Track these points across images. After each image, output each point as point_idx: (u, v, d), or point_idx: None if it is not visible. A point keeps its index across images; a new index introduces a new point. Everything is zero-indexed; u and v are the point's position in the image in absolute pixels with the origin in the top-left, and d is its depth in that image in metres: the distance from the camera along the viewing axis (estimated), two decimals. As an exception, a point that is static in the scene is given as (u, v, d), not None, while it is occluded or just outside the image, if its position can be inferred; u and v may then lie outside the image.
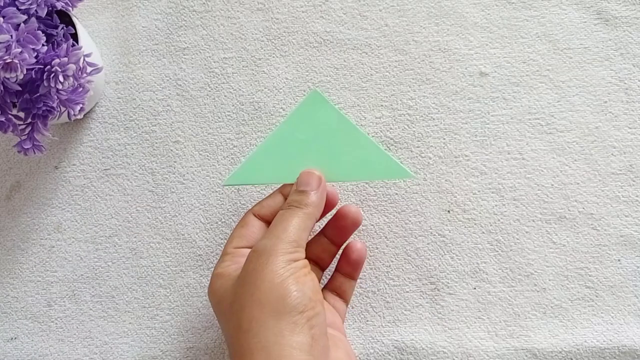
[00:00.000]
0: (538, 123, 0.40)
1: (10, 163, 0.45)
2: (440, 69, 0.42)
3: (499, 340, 0.38)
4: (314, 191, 0.33)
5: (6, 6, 0.32)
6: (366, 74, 0.42)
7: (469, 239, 0.39)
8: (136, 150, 0.43)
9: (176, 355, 0.40)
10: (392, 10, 0.43)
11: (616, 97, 0.40)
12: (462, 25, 0.42)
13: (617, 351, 0.37)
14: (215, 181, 0.42)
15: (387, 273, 0.39)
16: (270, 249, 0.30)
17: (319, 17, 0.44)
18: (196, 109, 0.43)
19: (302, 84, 0.43)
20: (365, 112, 0.42)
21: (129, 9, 0.46)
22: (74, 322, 0.42)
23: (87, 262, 0.42)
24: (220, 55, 0.44)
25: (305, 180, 0.34)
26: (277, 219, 0.32)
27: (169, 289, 0.41)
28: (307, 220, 0.32)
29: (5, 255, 0.43)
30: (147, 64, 0.44)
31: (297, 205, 0.32)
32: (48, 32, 0.36)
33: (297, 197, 0.33)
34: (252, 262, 0.30)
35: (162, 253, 0.42)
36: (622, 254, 0.38)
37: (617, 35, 0.41)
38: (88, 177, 0.43)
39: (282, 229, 0.31)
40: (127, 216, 0.42)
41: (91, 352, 0.41)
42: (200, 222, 0.42)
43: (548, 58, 0.41)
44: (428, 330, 0.38)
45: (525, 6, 0.42)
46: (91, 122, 0.44)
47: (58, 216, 0.43)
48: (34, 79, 0.34)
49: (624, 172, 0.39)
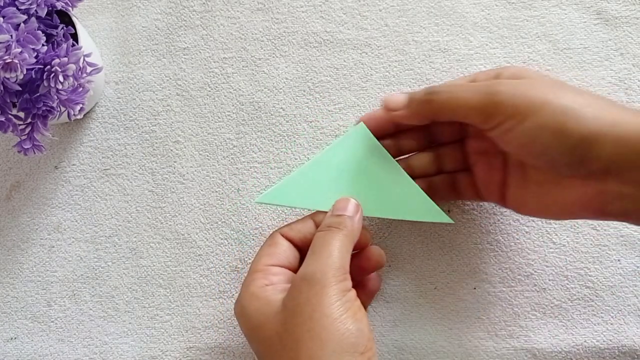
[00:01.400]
0: (538, 123, 0.40)
1: (10, 163, 0.45)
2: (440, 69, 0.42)
3: (498, 340, 0.38)
4: (351, 215, 0.32)
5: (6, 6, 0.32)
6: (366, 74, 0.42)
7: (469, 239, 0.39)
8: (136, 150, 0.43)
9: (176, 355, 0.40)
10: (392, 10, 0.43)
11: (616, 97, 0.40)
12: (462, 25, 0.42)
13: (617, 351, 0.37)
14: (215, 181, 0.42)
15: (387, 273, 0.39)
16: (322, 278, 0.29)
17: (319, 17, 0.44)
18: (196, 109, 0.43)
19: (302, 84, 0.43)
20: (365, 112, 0.42)
21: (129, 9, 0.46)
22: (74, 322, 0.42)
23: (87, 262, 0.42)
24: (220, 55, 0.44)
25: (343, 205, 0.33)
26: (318, 242, 0.31)
27: (169, 289, 0.41)
28: (348, 243, 0.31)
29: (5, 255, 0.43)
30: (147, 64, 0.44)
31: (336, 226, 0.31)
32: (48, 32, 0.36)
33: (335, 219, 0.32)
34: (304, 291, 0.29)
35: (162, 253, 0.42)
36: (622, 254, 0.38)
37: (617, 35, 0.41)
38: (88, 177, 0.43)
39: (327, 253, 0.30)
40: (127, 216, 0.42)
41: (91, 352, 0.41)
42: (200, 222, 0.42)
43: (548, 58, 0.41)
44: (428, 330, 0.38)
45: (525, 6, 0.42)
46: (91, 122, 0.44)
47: (58, 216, 0.43)
48: (34, 79, 0.34)
49: (624, 172, 0.39)
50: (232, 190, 0.42)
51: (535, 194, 0.31)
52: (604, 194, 0.28)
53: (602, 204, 0.28)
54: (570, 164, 0.28)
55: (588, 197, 0.29)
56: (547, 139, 0.28)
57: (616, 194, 0.28)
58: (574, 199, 0.29)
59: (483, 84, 0.30)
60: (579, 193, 0.29)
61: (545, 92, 0.28)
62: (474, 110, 0.29)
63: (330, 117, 0.42)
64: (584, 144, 0.27)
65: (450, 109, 0.30)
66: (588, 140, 0.27)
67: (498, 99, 0.28)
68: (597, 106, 0.28)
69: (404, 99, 0.33)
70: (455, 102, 0.30)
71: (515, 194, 0.33)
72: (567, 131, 0.27)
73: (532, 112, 0.28)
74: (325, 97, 0.42)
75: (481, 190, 0.35)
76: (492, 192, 0.34)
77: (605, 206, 0.28)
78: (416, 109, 0.32)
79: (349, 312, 0.28)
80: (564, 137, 0.27)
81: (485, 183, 0.34)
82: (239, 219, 0.41)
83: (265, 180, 0.42)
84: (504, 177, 0.33)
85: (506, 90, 0.29)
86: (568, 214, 0.31)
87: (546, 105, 0.27)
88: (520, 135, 0.28)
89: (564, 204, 0.30)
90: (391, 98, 0.33)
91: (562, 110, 0.27)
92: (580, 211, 0.30)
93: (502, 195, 0.33)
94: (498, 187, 0.33)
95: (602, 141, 0.27)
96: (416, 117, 0.32)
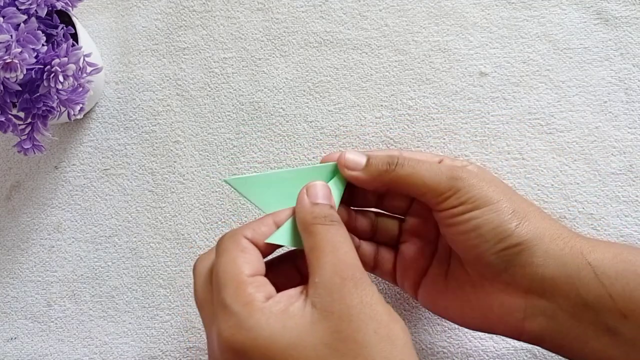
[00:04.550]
0: (538, 123, 0.40)
1: (10, 163, 0.45)
2: (440, 69, 0.42)
3: (498, 340, 0.38)
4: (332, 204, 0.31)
5: (6, 6, 0.32)
6: (366, 74, 0.42)
7: (469, 239, 0.39)
8: (136, 150, 0.43)
9: (176, 355, 0.40)
10: (392, 10, 0.43)
11: (616, 97, 0.40)
12: (462, 25, 0.42)
13: (617, 351, 0.37)
14: (215, 181, 0.42)
15: (387, 273, 0.39)
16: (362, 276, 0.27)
17: (319, 17, 0.44)
18: (196, 109, 0.43)
19: (302, 84, 0.43)
20: (365, 112, 0.42)
21: (129, 9, 0.46)
22: (74, 322, 0.42)
23: (87, 262, 0.42)
24: (220, 55, 0.44)
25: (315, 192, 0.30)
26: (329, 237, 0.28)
27: (169, 289, 0.41)
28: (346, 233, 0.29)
29: (5, 255, 0.43)
30: (147, 64, 0.44)
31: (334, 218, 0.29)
32: (48, 32, 0.36)
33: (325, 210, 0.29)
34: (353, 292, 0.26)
35: (162, 253, 0.42)
36: (622, 254, 0.38)
37: (617, 35, 0.41)
38: (88, 177, 0.43)
39: (345, 249, 0.27)
40: (127, 216, 0.42)
41: (91, 352, 0.41)
42: (200, 222, 0.42)
43: (548, 58, 0.41)
44: (428, 331, 0.38)
45: (525, 6, 0.42)
46: (91, 122, 0.44)
47: (58, 216, 0.43)
48: (34, 79, 0.34)
49: (624, 172, 0.39)
50: (232, 190, 0.42)
51: (453, 292, 0.31)
52: (524, 307, 0.28)
53: (521, 318, 0.29)
54: (498, 264, 0.29)
55: (508, 308, 0.29)
56: (485, 232, 0.29)
57: (537, 310, 0.28)
58: (493, 307, 0.29)
59: (447, 166, 0.31)
60: (499, 301, 0.29)
61: (502, 192, 0.30)
62: (433, 191, 0.30)
63: (330, 117, 0.42)
64: (517, 249, 0.28)
65: (409, 184, 0.30)
66: (521, 245, 0.28)
67: (458, 185, 0.29)
68: (541, 219, 0.29)
69: (362, 161, 0.32)
70: (416, 179, 0.30)
71: (431, 287, 0.33)
72: (506, 231, 0.28)
73: (484, 205, 0.29)
74: (325, 97, 0.42)
75: (399, 272, 0.34)
76: (408, 277, 0.33)
77: (524, 322, 0.29)
78: (375, 176, 0.31)
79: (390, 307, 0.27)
80: (501, 236, 0.28)
81: (406, 266, 0.34)
82: (239, 219, 0.41)
83: (265, 180, 0.42)
84: (427, 266, 0.33)
85: (468, 178, 0.30)
86: (485, 323, 0.30)
87: (498, 203, 0.29)
88: (464, 222, 0.29)
89: (482, 311, 0.30)
90: (350, 156, 0.32)
91: (511, 212, 0.29)
92: (498, 323, 0.30)
93: (416, 283, 0.33)
94: (416, 273, 0.33)
95: (533, 251, 0.28)
96: (372, 184, 0.32)
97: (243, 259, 0.27)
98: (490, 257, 0.29)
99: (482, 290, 0.30)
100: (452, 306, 0.32)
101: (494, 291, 0.29)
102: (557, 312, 0.28)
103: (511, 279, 0.29)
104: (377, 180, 0.31)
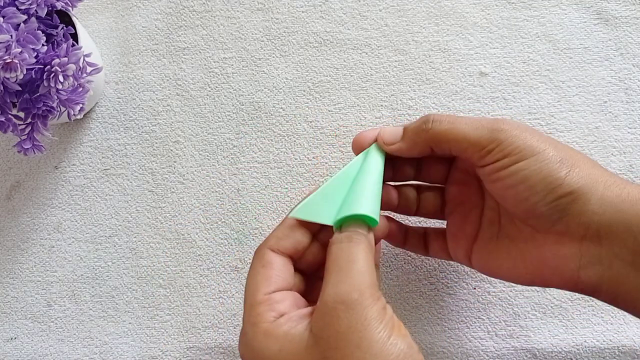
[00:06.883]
0: (538, 123, 0.40)
1: (10, 163, 0.45)
2: (440, 69, 0.42)
3: (498, 341, 0.38)
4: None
5: (6, 6, 0.32)
6: (366, 74, 0.42)
7: (469, 239, 0.39)
8: (136, 150, 0.43)
9: (176, 355, 0.40)
10: (392, 10, 0.43)
11: (616, 97, 0.40)
12: (462, 25, 0.42)
13: (617, 351, 0.37)
14: (215, 181, 0.42)
15: (387, 273, 0.39)
16: (360, 298, 0.26)
17: (319, 17, 0.44)
18: (196, 109, 0.43)
19: (302, 84, 0.43)
20: (365, 112, 0.42)
21: (129, 9, 0.46)
22: (74, 322, 0.42)
23: (87, 262, 0.42)
24: (220, 55, 0.44)
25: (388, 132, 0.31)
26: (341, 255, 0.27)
27: (169, 289, 0.41)
28: (371, 254, 0.28)
29: (5, 255, 0.43)
30: (147, 64, 0.44)
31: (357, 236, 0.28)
32: (48, 32, 0.36)
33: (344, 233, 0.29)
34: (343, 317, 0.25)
35: (162, 253, 0.42)
36: (622, 254, 0.38)
37: (617, 35, 0.41)
38: (88, 177, 0.43)
39: (357, 269, 0.26)
40: (127, 216, 0.42)
41: (91, 352, 0.41)
42: (200, 222, 0.42)
43: (548, 58, 0.41)
44: (428, 331, 0.38)
45: (525, 6, 0.42)
46: (91, 122, 0.44)
47: (58, 216, 0.43)
48: (34, 79, 0.34)
49: (624, 172, 0.39)
50: (232, 190, 0.42)
51: (505, 250, 0.30)
52: (579, 256, 0.27)
53: (576, 268, 0.28)
54: (551, 215, 0.28)
55: (562, 258, 0.28)
56: (535, 184, 0.27)
57: (593, 258, 0.27)
58: (547, 259, 0.28)
59: (486, 119, 0.30)
60: (553, 252, 0.28)
61: (545, 141, 0.29)
62: (474, 144, 0.29)
63: (330, 117, 0.42)
64: (569, 197, 0.27)
65: (449, 139, 0.30)
66: (574, 194, 0.27)
67: (501, 137, 0.28)
68: (592, 166, 0.28)
69: (399, 132, 0.32)
70: (455, 133, 0.29)
71: (483, 250, 0.32)
72: (557, 180, 0.27)
73: (530, 155, 0.28)
74: (325, 97, 0.42)
75: (450, 245, 0.34)
76: (460, 247, 0.33)
77: (579, 272, 0.28)
78: (412, 139, 0.31)
79: (394, 330, 0.26)
80: (552, 185, 0.27)
81: (456, 235, 0.33)
82: (239, 219, 0.41)
83: (265, 180, 0.42)
84: (476, 231, 0.32)
85: (510, 129, 0.29)
86: (538, 277, 0.29)
87: (544, 152, 0.28)
88: (511, 175, 0.28)
89: (535, 264, 0.29)
90: (386, 131, 0.32)
91: (559, 160, 0.28)
92: (552, 276, 0.29)
93: (469, 250, 0.33)
94: (468, 241, 0.33)
95: (587, 199, 0.27)
96: (413, 149, 0.31)
97: (262, 276, 0.28)
98: (542, 208, 0.27)
99: (535, 244, 0.29)
100: (506, 265, 0.30)
101: (547, 243, 0.28)
102: (613, 260, 0.27)
103: (565, 229, 0.27)
104: (418, 144, 0.31)
